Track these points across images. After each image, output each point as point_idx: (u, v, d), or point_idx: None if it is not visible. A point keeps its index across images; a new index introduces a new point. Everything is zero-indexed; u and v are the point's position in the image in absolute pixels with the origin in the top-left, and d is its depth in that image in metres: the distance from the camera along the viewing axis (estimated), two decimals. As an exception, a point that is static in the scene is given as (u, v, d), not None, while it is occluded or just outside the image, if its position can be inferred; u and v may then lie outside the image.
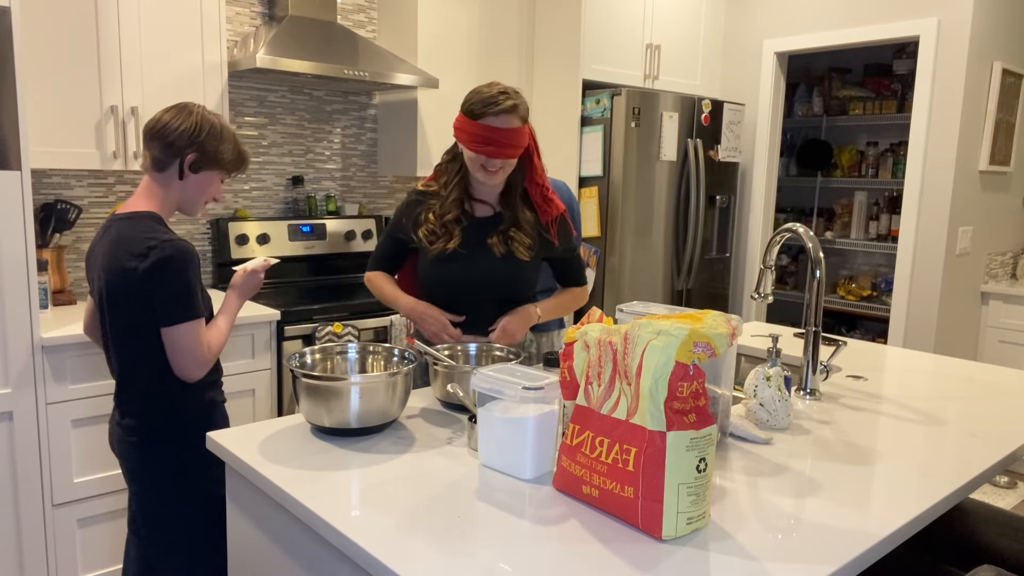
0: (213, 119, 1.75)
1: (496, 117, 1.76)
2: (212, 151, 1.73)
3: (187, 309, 1.64)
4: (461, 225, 1.90)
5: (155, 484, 1.75)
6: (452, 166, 1.91)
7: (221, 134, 1.75)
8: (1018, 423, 1.65)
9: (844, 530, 1.12)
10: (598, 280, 3.68)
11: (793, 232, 1.80)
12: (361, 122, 3.62)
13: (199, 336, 1.67)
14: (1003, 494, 3.66)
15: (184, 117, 1.71)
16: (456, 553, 1.03)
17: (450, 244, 1.88)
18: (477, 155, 1.80)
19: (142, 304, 1.64)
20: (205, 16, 2.74)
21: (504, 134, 1.77)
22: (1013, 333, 4.02)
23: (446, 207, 1.90)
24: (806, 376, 1.81)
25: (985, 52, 3.65)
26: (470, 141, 1.79)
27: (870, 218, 4.99)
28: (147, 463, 1.74)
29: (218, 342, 1.74)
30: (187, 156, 1.71)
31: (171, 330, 1.64)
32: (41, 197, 2.74)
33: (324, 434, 1.49)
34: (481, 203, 1.93)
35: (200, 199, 1.79)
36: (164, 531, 1.77)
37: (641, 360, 1.10)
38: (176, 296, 1.63)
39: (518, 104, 1.80)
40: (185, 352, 1.66)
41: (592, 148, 3.63)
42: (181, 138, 1.70)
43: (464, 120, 1.80)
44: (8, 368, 2.16)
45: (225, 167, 1.78)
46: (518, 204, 1.92)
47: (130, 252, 1.63)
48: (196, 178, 1.75)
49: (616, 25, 3.72)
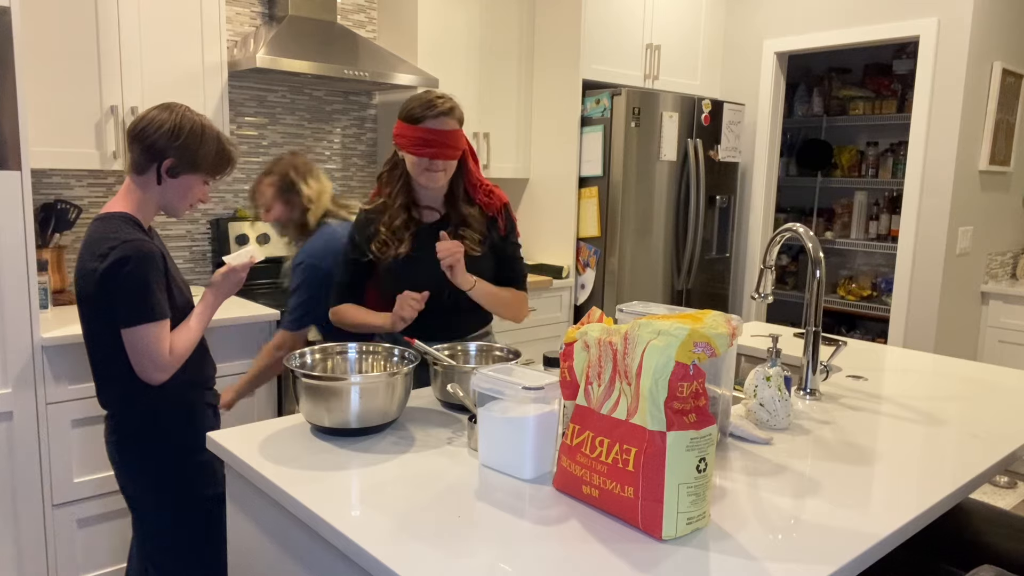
0: (194, 121, 1.70)
1: (435, 120, 1.82)
2: (191, 155, 1.69)
3: (144, 311, 1.60)
4: (410, 230, 1.94)
5: (135, 483, 1.76)
6: (394, 175, 1.95)
7: (201, 137, 1.70)
8: (1018, 423, 1.65)
9: (844, 530, 1.12)
10: (598, 280, 3.68)
11: (793, 232, 1.80)
12: (361, 122, 3.62)
13: (158, 338, 1.63)
14: (1003, 494, 3.66)
15: (163, 120, 1.67)
16: (456, 553, 1.03)
17: (401, 249, 1.91)
18: (420, 158, 1.84)
19: (104, 305, 1.62)
20: (205, 16, 2.74)
21: (443, 135, 1.83)
22: (1013, 333, 4.02)
23: (393, 214, 1.93)
24: (806, 376, 1.81)
25: (985, 52, 3.65)
26: (411, 145, 1.83)
27: (870, 218, 4.99)
28: (127, 462, 1.75)
29: (183, 344, 1.69)
30: (164, 161, 1.67)
31: (129, 332, 1.61)
32: (41, 197, 2.74)
33: (324, 434, 1.49)
34: (428, 209, 1.97)
35: (181, 203, 1.75)
36: (149, 532, 1.77)
37: (641, 360, 1.10)
38: (132, 297, 1.60)
39: (454, 107, 1.87)
40: (143, 354, 1.62)
41: (592, 148, 3.63)
42: (159, 142, 1.66)
43: (404, 126, 1.85)
44: (8, 368, 2.16)
45: (205, 171, 1.73)
46: (461, 204, 1.97)
47: (92, 253, 1.62)
48: (175, 182, 1.71)
49: (616, 25, 3.72)
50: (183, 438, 1.77)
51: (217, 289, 1.79)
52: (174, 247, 3.12)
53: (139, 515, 1.79)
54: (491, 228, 2.00)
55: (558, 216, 3.78)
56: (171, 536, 1.78)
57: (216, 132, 1.74)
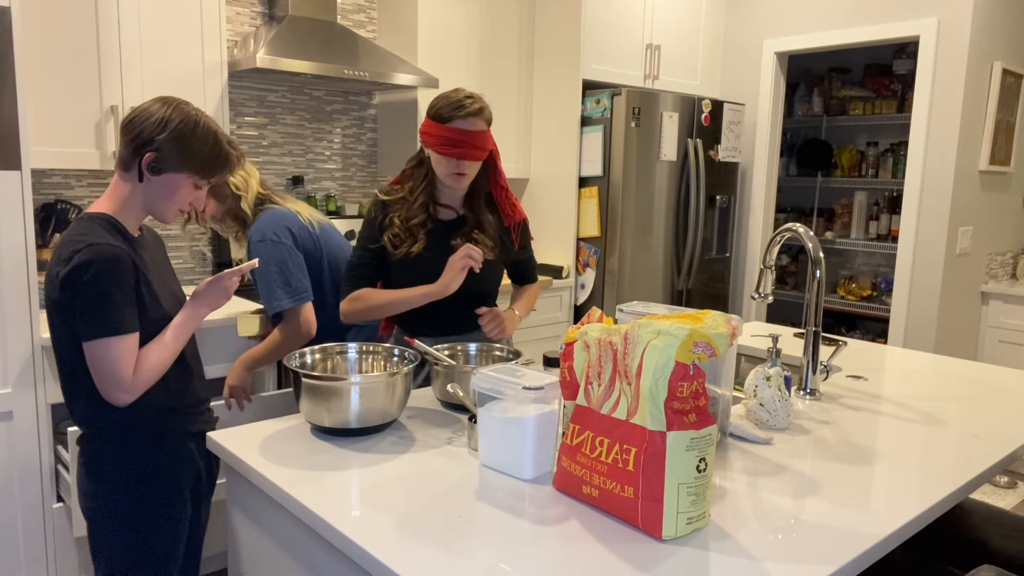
0: (188, 115, 1.51)
1: (464, 120, 1.81)
2: (176, 152, 1.49)
3: (104, 323, 1.41)
4: (426, 229, 1.93)
5: (98, 520, 1.56)
6: (419, 171, 1.94)
7: (193, 133, 1.50)
8: (1018, 423, 1.65)
9: (844, 530, 1.12)
10: (598, 280, 3.68)
11: (793, 232, 1.80)
12: (361, 122, 3.62)
13: (120, 355, 1.43)
14: (1003, 494, 3.66)
15: (153, 112, 1.49)
16: (456, 553, 1.03)
17: (414, 248, 1.90)
18: (447, 159, 1.84)
19: (65, 314, 1.45)
20: (205, 16, 2.74)
21: (472, 136, 1.82)
22: (1013, 333, 4.02)
23: (412, 211, 1.92)
24: (806, 376, 1.81)
25: (985, 52, 3.65)
26: (439, 144, 1.82)
27: (870, 218, 4.99)
28: (89, 493, 1.55)
29: (153, 362, 1.48)
30: (144, 155, 1.48)
31: (87, 346, 1.43)
32: (41, 197, 2.74)
33: (324, 434, 1.49)
34: (445, 207, 1.97)
35: (166, 206, 1.54)
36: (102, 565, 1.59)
37: (641, 360, 1.10)
38: (91, 307, 1.41)
39: (484, 108, 1.86)
40: (102, 373, 1.43)
41: (592, 148, 3.63)
42: (144, 134, 1.48)
43: (432, 125, 1.84)
44: (8, 368, 2.16)
45: (193, 170, 1.52)
46: (482, 207, 1.97)
47: (59, 256, 1.45)
48: (157, 180, 1.50)
49: (616, 25, 3.72)
50: (155, 474, 1.56)
51: (199, 299, 1.55)
52: (170, 247, 3.11)
53: (93, 543, 1.58)
54: (504, 237, 2.00)
55: (558, 216, 3.78)
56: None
57: (214, 130, 1.54)
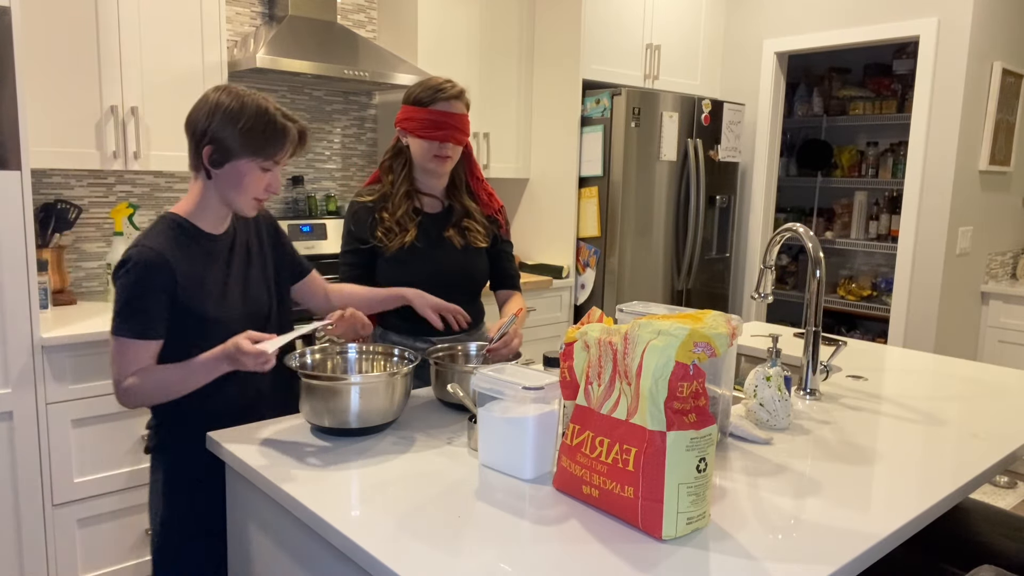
0: (234, 96, 1.46)
1: (446, 103, 1.83)
2: (230, 137, 1.44)
3: (120, 322, 1.42)
4: (415, 220, 1.92)
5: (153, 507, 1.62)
6: (397, 162, 1.93)
7: (241, 112, 1.44)
8: (1018, 423, 1.65)
9: (844, 530, 1.12)
10: (598, 280, 3.68)
11: (793, 232, 1.80)
12: (361, 122, 3.62)
13: (125, 358, 1.42)
14: (1003, 494, 3.66)
15: (203, 103, 1.47)
16: (456, 553, 1.03)
17: (407, 238, 1.89)
18: (430, 142, 1.84)
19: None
20: (205, 16, 2.73)
21: (454, 118, 1.83)
22: (1013, 333, 4.02)
23: (397, 202, 1.91)
24: (806, 376, 1.81)
25: (985, 52, 3.65)
26: (421, 128, 1.82)
27: (870, 218, 4.99)
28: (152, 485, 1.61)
29: (150, 388, 1.43)
30: (203, 151, 1.47)
31: (111, 337, 1.44)
32: (41, 197, 2.74)
33: (324, 434, 1.49)
34: (429, 196, 1.96)
35: (239, 196, 1.50)
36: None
37: (641, 360, 1.10)
38: (118, 304, 1.43)
39: (463, 91, 1.88)
40: (112, 367, 1.45)
41: (592, 148, 3.63)
42: (197, 128, 1.46)
43: (412, 109, 1.84)
44: (8, 368, 2.16)
45: (252, 153, 1.46)
46: (464, 197, 1.99)
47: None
48: (222, 173, 1.47)
49: (616, 25, 3.72)
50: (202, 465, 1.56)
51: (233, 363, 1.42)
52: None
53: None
54: (488, 225, 2.02)
55: (558, 216, 3.78)
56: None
57: (262, 105, 1.46)
